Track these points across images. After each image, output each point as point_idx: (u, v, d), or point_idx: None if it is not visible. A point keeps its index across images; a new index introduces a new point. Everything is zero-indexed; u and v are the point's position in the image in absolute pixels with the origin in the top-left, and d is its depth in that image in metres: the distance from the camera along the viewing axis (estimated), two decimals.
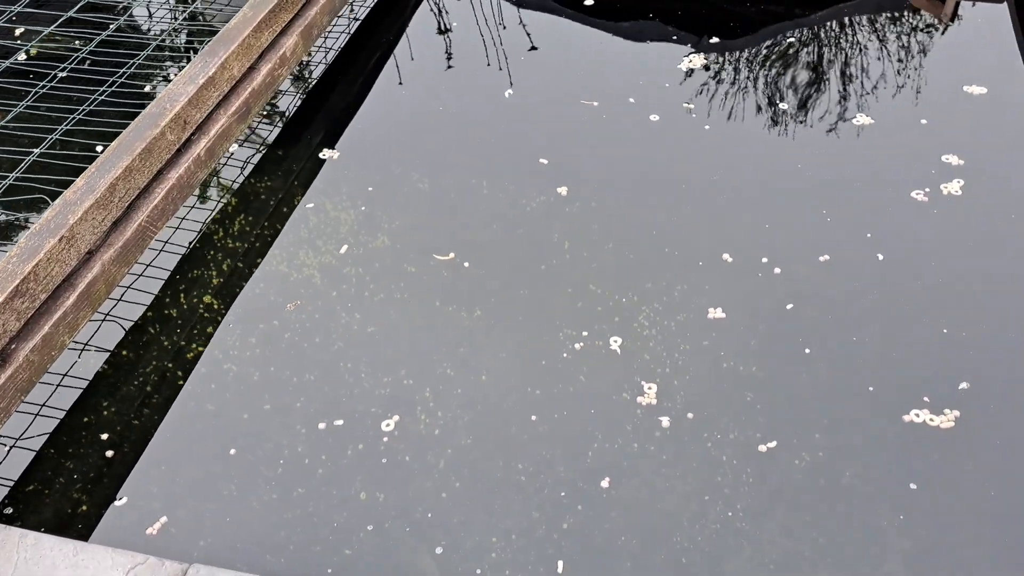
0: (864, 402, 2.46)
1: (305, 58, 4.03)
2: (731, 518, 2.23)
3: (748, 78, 3.75)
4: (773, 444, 2.38)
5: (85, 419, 2.60)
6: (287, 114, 3.79)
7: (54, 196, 3.28)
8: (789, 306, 2.74)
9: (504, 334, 2.74)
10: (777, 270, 2.85)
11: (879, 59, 3.79)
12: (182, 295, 2.98)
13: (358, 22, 4.32)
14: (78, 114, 3.22)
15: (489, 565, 2.19)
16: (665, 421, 2.45)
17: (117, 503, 2.37)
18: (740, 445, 2.38)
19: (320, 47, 4.15)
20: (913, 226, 2.98)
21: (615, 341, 2.68)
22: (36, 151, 3.09)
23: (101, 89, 3.38)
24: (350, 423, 2.54)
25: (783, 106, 3.56)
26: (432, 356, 2.70)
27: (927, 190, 3.08)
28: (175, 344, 2.81)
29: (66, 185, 2.72)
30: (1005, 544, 2.13)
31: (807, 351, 2.60)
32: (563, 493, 2.32)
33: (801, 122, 3.49)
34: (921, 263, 2.85)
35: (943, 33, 3.96)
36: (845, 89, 3.64)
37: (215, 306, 2.93)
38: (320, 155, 3.52)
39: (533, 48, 4.05)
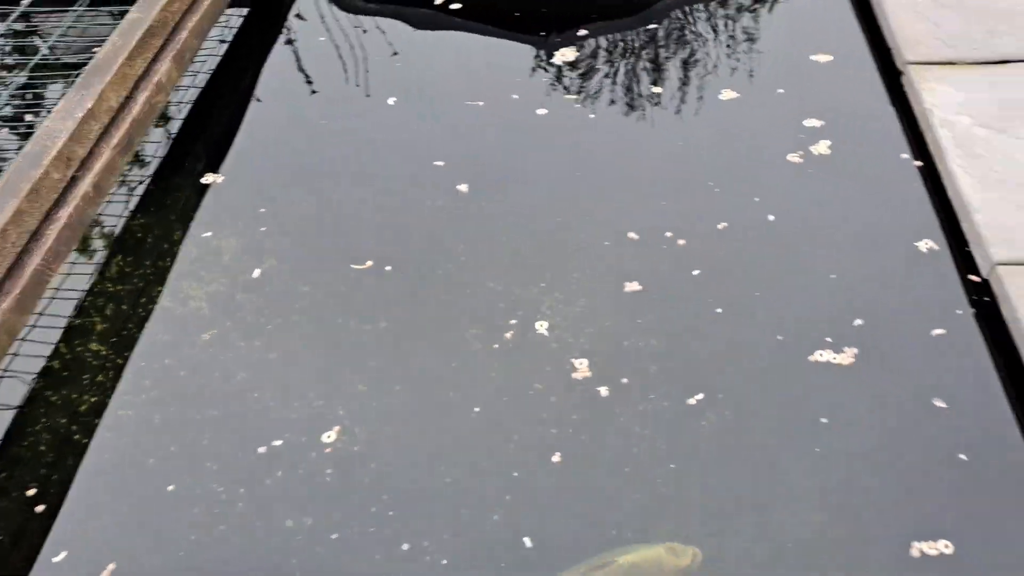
0: (774, 348, 2.65)
1: (180, 83, 3.94)
2: (674, 470, 2.36)
3: (620, 65, 3.92)
4: (700, 396, 2.54)
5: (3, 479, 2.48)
6: (168, 142, 3.70)
7: None
8: (696, 272, 2.91)
9: (413, 342, 2.76)
10: (681, 241, 3.01)
11: (733, 37, 4.04)
12: (76, 342, 2.85)
13: (226, 44, 4.25)
14: None
15: (434, 571, 2.22)
16: (603, 391, 2.56)
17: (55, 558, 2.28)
18: (672, 400, 2.53)
19: (194, 71, 4.06)
20: (793, 186, 3.21)
21: (539, 325, 2.76)
22: None
23: None
24: (266, 452, 2.48)
25: (656, 89, 3.75)
26: (341, 374, 2.68)
27: (800, 152, 3.32)
28: (71, 397, 2.68)
29: None
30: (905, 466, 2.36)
31: (718, 310, 2.78)
32: (515, 473, 2.39)
33: (675, 102, 3.68)
34: (806, 218, 3.07)
35: (780, 9, 4.25)
36: (709, 68, 3.86)
37: (103, 352, 2.80)
38: (204, 181, 3.44)
39: (409, 54, 4.10)
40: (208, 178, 3.46)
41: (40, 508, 2.40)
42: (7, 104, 3.57)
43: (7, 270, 2.61)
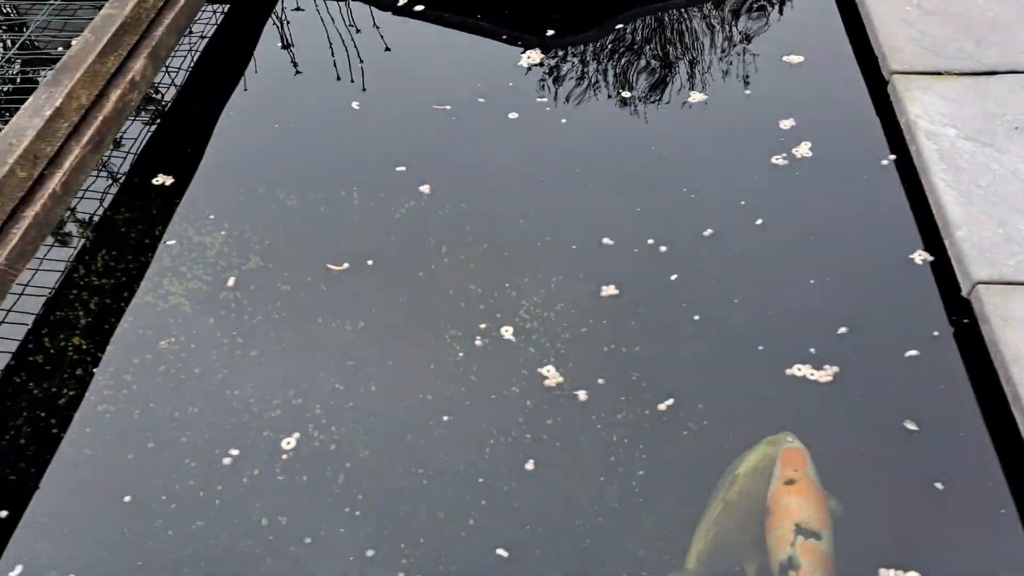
0: (752, 357, 2.61)
1: (157, 80, 3.87)
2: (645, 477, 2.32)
3: (588, 69, 3.87)
4: (671, 402, 2.50)
5: None
6: (142, 140, 3.64)
7: None
8: (673, 277, 2.86)
9: (390, 343, 2.74)
10: (663, 248, 2.95)
11: (701, 41, 3.98)
12: (46, 339, 2.81)
13: (206, 40, 4.19)
14: None
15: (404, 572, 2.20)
16: (576, 396, 2.52)
17: (11, 573, 2.22)
18: (641, 405, 2.50)
19: (169, 68, 4.00)
20: (781, 189, 3.16)
21: (506, 331, 2.72)
22: None
23: None
24: (242, 450, 2.47)
25: (626, 93, 3.69)
26: (319, 373, 2.67)
27: (784, 155, 3.27)
28: (46, 392, 2.65)
29: None
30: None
31: (696, 317, 2.73)
32: (481, 479, 2.35)
33: (645, 106, 3.63)
34: (795, 222, 3.03)
35: (757, 13, 4.20)
36: (678, 70, 3.81)
37: (84, 347, 2.79)
38: (180, 180, 3.40)
39: (376, 56, 4.05)
40: (185, 177, 3.41)
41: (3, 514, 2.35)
42: None
43: None
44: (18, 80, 3.87)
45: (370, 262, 3.00)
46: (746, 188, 3.16)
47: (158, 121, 3.74)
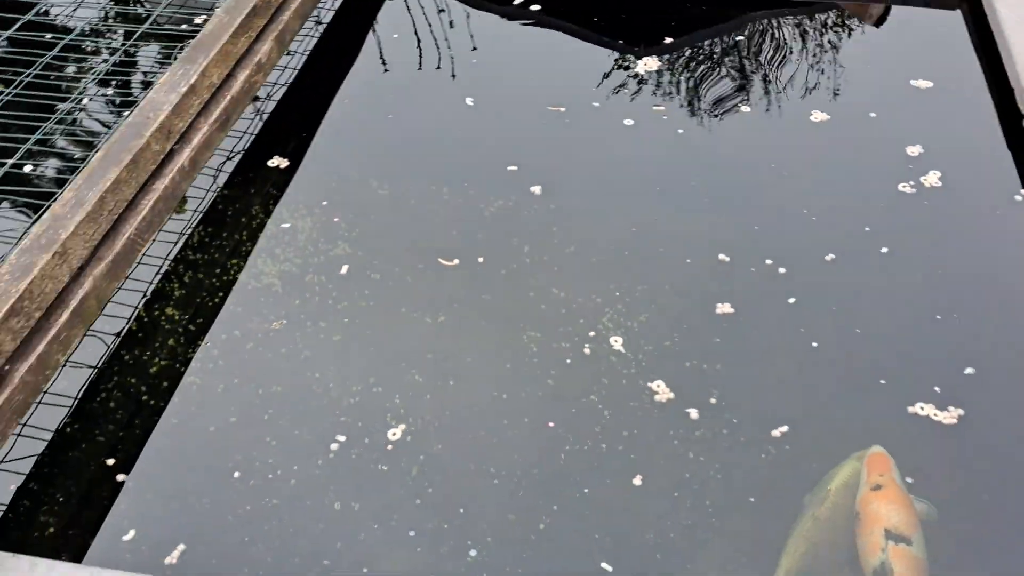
0: (871, 391, 2.54)
1: (278, 64, 3.94)
2: (752, 504, 2.27)
3: (707, 79, 3.80)
4: (784, 429, 2.45)
5: (78, 438, 2.49)
6: (258, 121, 3.70)
7: None
8: (791, 300, 2.80)
9: (489, 341, 2.74)
10: (782, 270, 2.90)
11: (824, 57, 3.89)
12: (156, 309, 2.88)
13: (323, 26, 4.25)
14: (49, 124, 3.08)
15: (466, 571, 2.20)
16: (685, 414, 2.48)
17: (126, 535, 2.27)
18: (754, 430, 2.45)
19: (293, 51, 4.06)
20: (907, 218, 3.06)
21: (615, 341, 2.69)
22: (8, 162, 2.95)
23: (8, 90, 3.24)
24: (318, 432, 2.50)
25: (745, 108, 3.62)
26: (399, 363, 2.68)
27: (912, 183, 3.17)
28: (151, 360, 2.73)
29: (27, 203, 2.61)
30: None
31: (814, 344, 2.67)
32: (586, 489, 2.33)
33: (765, 121, 3.55)
34: (922, 253, 2.94)
35: (882, 32, 4.08)
36: (799, 86, 3.72)
37: (177, 318, 2.85)
38: (287, 162, 3.45)
39: (491, 52, 4.05)
40: (292, 160, 3.46)
41: (119, 477, 2.40)
42: (111, 73, 3.60)
43: (103, 237, 2.62)
44: (135, 56, 3.98)
45: (480, 259, 3.00)
46: (871, 214, 3.07)
47: (276, 104, 3.80)
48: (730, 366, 2.62)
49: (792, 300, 2.80)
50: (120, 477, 2.40)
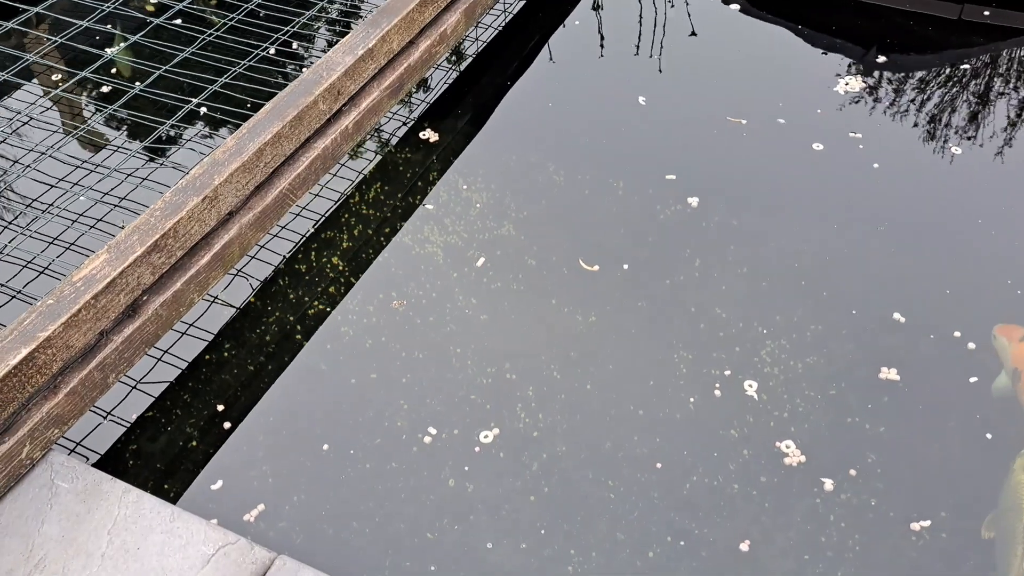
0: None
1: (466, 35, 3.93)
2: None
3: (917, 108, 3.42)
4: (927, 523, 2.18)
5: (201, 379, 2.60)
6: (436, 91, 3.71)
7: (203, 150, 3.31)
8: (973, 379, 2.48)
9: (619, 349, 2.61)
10: (971, 345, 2.56)
11: None
12: (313, 254, 2.96)
13: (522, 2, 4.19)
14: (239, 68, 3.22)
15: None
16: (818, 483, 2.25)
17: (215, 484, 2.34)
18: (893, 517, 2.19)
19: (484, 24, 4.04)
20: None
21: (750, 385, 2.49)
22: (194, 101, 3.11)
23: (263, 46, 3.37)
24: (448, 407, 2.47)
25: (955, 149, 3.23)
26: (540, 355, 2.61)
27: None
28: (300, 300, 2.82)
29: (212, 139, 2.71)
30: None
31: (988, 436, 2.35)
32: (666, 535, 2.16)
33: (974, 163, 3.15)
34: None
35: None
36: (1020, 126, 3.28)
37: (340, 267, 2.92)
38: (463, 135, 3.44)
39: (681, 48, 3.84)
40: (468, 133, 3.45)
41: (226, 425, 2.49)
42: (293, 37, 3.72)
43: (256, 188, 2.70)
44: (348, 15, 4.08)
45: (625, 266, 2.86)
46: None
47: (456, 75, 3.80)
48: (883, 441, 2.35)
49: (974, 379, 2.47)
50: (227, 425, 2.48)
